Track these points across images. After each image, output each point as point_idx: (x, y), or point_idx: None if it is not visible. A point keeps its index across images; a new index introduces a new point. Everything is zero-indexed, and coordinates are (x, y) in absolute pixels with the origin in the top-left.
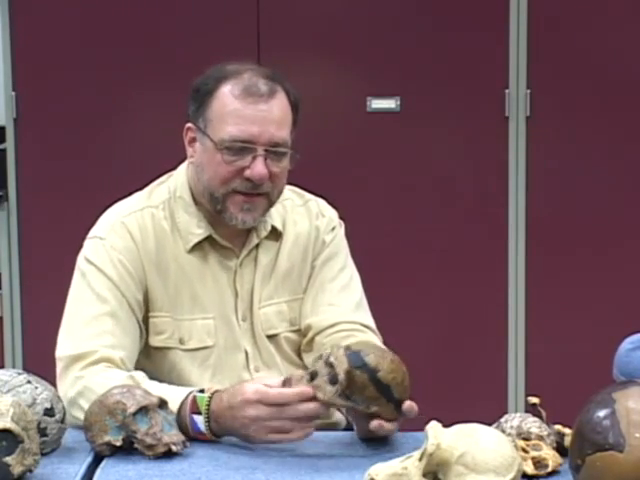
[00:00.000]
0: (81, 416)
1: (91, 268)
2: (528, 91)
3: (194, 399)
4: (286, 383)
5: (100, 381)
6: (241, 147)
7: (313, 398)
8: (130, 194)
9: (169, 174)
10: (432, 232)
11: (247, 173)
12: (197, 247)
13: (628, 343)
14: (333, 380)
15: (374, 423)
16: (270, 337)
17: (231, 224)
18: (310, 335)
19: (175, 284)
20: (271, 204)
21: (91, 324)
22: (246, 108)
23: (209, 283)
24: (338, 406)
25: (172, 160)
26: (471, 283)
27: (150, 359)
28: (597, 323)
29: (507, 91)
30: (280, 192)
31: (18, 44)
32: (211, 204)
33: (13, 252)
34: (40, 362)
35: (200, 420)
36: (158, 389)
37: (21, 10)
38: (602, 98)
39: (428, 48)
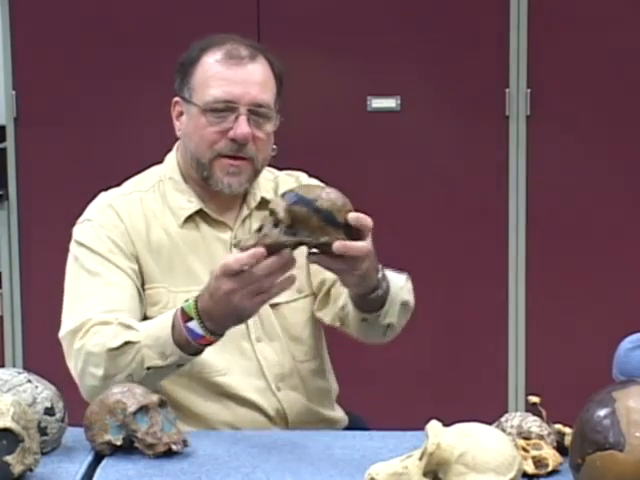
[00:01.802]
0: (96, 382)
1: (82, 250)
2: (528, 90)
3: (182, 310)
4: (240, 248)
5: (95, 341)
6: (224, 107)
7: (269, 254)
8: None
9: (157, 165)
10: (432, 232)
11: (231, 133)
12: (189, 222)
13: (627, 343)
14: (277, 224)
15: (336, 244)
16: (273, 306)
17: (217, 189)
18: (325, 289)
19: (169, 259)
20: (256, 171)
21: (86, 299)
22: (228, 70)
23: (204, 257)
24: (287, 244)
25: None
26: (471, 283)
27: None
28: (597, 323)
29: (507, 90)
30: (265, 159)
31: (18, 44)
32: (198, 171)
33: (13, 252)
34: (40, 362)
35: (195, 325)
36: (149, 324)
37: (21, 10)
38: (602, 98)
39: (428, 48)
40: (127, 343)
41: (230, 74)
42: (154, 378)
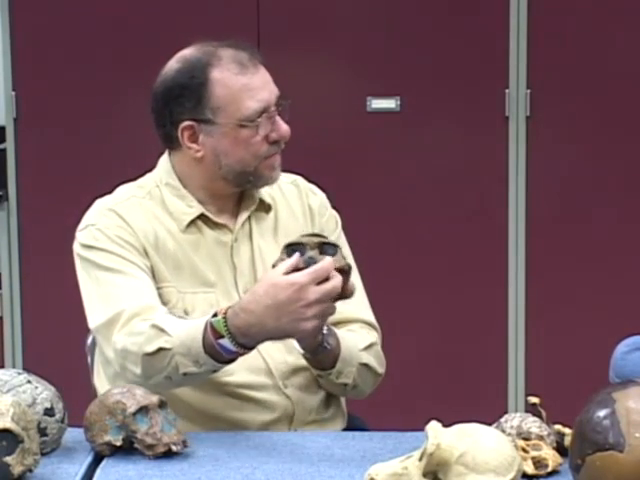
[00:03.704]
0: (137, 379)
1: (94, 252)
2: (528, 91)
3: (212, 326)
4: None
5: (133, 340)
6: (261, 115)
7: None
8: None
9: (149, 174)
10: (432, 232)
11: (274, 136)
12: (192, 227)
13: (623, 346)
14: (332, 252)
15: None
16: None
17: (266, 185)
18: None
19: (175, 260)
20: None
21: (111, 292)
22: (251, 80)
23: (207, 260)
24: (345, 266)
25: None
26: (471, 283)
27: None
28: (597, 323)
29: (507, 91)
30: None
31: (18, 44)
32: (238, 181)
33: (13, 252)
34: (40, 362)
35: (227, 342)
36: (181, 331)
37: (21, 10)
38: (602, 98)
39: (428, 48)
40: (161, 349)
41: (255, 82)
42: (191, 381)
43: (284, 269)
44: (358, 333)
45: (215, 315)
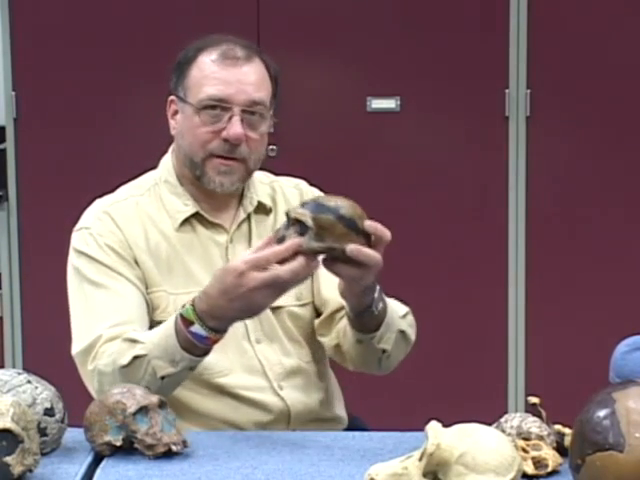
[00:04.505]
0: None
1: (82, 260)
2: (528, 91)
3: (181, 317)
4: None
5: (105, 361)
6: (218, 107)
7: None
8: None
9: (151, 171)
10: (432, 232)
11: (224, 134)
12: (186, 225)
13: (624, 346)
14: (302, 232)
15: (350, 247)
16: (273, 309)
17: (209, 188)
18: (328, 311)
19: (167, 261)
20: (249, 171)
21: (93, 312)
22: (223, 70)
23: (201, 260)
24: (319, 250)
25: None
26: (471, 283)
27: None
28: (597, 323)
29: (507, 91)
30: (258, 160)
31: (18, 44)
32: (191, 170)
33: (13, 252)
34: (40, 362)
35: (198, 328)
36: (153, 335)
37: (21, 10)
38: (602, 98)
39: (428, 48)
40: (136, 358)
41: (225, 74)
42: (170, 386)
43: (248, 252)
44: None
45: (183, 307)
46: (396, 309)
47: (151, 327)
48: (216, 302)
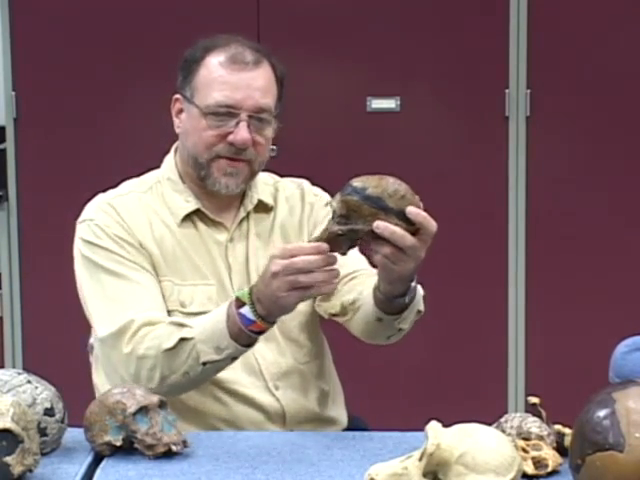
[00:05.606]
0: (152, 385)
1: (94, 249)
2: (528, 91)
3: (236, 298)
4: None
5: (148, 344)
6: (225, 112)
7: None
8: None
9: (154, 170)
10: None
11: (230, 138)
12: (187, 221)
13: (623, 346)
14: (333, 216)
15: (377, 222)
16: None
17: (214, 189)
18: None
19: (173, 253)
20: (253, 173)
21: (116, 299)
22: (231, 75)
23: (204, 256)
24: (340, 232)
25: None
26: (471, 283)
27: None
28: (597, 323)
29: (507, 91)
30: (262, 163)
31: (18, 44)
32: (195, 170)
33: (13, 252)
34: (40, 362)
35: (247, 310)
36: (202, 319)
37: (21, 10)
38: (602, 98)
39: (428, 48)
40: (182, 340)
41: (233, 79)
42: (209, 372)
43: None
44: None
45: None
46: (419, 290)
47: None
48: (258, 286)
